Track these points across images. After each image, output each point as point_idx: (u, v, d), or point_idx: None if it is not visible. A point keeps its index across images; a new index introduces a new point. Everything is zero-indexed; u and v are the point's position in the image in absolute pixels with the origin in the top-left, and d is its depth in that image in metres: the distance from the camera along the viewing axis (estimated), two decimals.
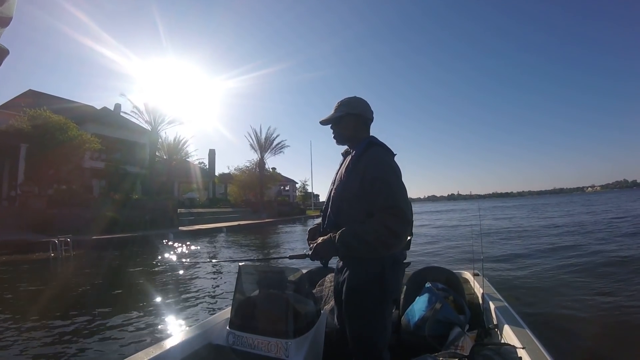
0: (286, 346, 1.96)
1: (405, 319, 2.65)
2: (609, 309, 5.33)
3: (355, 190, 1.63)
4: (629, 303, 5.51)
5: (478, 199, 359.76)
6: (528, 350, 1.83)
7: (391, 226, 1.48)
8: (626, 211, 25.62)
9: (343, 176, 1.71)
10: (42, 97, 25.99)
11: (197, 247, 14.52)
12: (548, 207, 41.65)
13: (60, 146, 18.26)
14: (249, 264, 2.55)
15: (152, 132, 26.47)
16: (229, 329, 2.15)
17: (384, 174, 1.58)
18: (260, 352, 2.02)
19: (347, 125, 1.81)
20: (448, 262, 9.35)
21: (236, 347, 2.10)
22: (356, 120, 1.81)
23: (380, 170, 1.59)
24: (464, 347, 2.11)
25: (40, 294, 6.98)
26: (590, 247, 10.83)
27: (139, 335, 4.61)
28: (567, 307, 5.46)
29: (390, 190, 1.54)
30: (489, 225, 21.00)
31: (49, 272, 9.83)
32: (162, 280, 8.28)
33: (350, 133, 1.82)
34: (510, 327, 2.22)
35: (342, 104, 1.83)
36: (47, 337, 4.49)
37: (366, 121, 1.84)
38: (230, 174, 43.29)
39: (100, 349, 4.17)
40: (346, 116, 1.80)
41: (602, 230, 15.21)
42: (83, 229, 16.03)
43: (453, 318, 2.45)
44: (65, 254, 11.93)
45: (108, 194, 21.59)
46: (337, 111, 1.83)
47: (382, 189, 1.54)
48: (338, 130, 1.85)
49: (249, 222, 27.79)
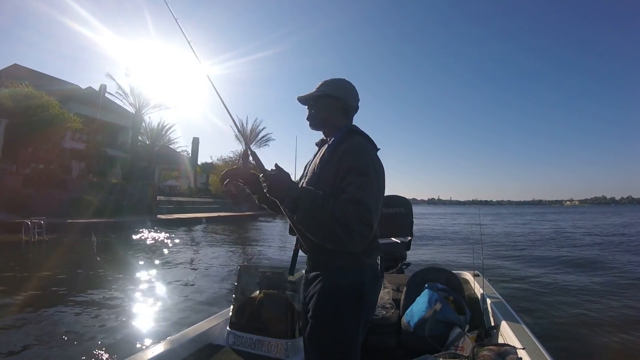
0: (286, 346, 2.04)
1: (405, 319, 2.65)
2: (609, 308, 5.55)
3: (330, 182, 1.39)
4: (629, 303, 5.78)
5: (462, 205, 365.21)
6: (528, 350, 1.82)
7: (350, 220, 1.23)
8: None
9: (317, 167, 1.49)
10: (27, 72, 25.22)
11: (174, 240, 14.41)
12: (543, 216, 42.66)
13: (40, 124, 17.84)
14: (249, 265, 2.57)
15: (135, 116, 26.05)
16: (229, 329, 2.22)
17: (361, 165, 1.35)
18: (260, 352, 2.08)
19: (323, 107, 1.58)
20: (447, 262, 9.59)
21: (236, 347, 2.15)
22: (334, 104, 1.57)
23: (358, 160, 1.37)
24: (464, 347, 2.14)
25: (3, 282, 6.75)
26: (590, 251, 11.44)
27: (106, 329, 4.56)
28: (567, 307, 5.65)
29: (364, 184, 1.31)
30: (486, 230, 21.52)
31: (18, 257, 9.59)
32: (133, 269, 8.26)
33: (325, 116, 1.59)
34: (510, 327, 2.22)
35: (324, 83, 1.61)
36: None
37: (347, 108, 1.60)
38: (213, 164, 42.87)
39: (59, 346, 4.04)
40: (324, 97, 1.57)
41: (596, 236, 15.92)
42: (59, 211, 15.76)
43: (453, 318, 2.46)
44: (38, 237, 11.68)
45: (87, 176, 21.23)
46: (316, 90, 1.61)
47: (355, 181, 1.31)
48: (313, 111, 1.61)
49: (229, 214, 27.67)
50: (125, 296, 6.14)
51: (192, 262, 9.77)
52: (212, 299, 6.05)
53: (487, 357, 1.72)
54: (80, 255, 10.16)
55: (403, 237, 3.93)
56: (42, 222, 11.99)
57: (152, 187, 24.05)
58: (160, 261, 9.50)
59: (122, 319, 5.05)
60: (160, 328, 4.76)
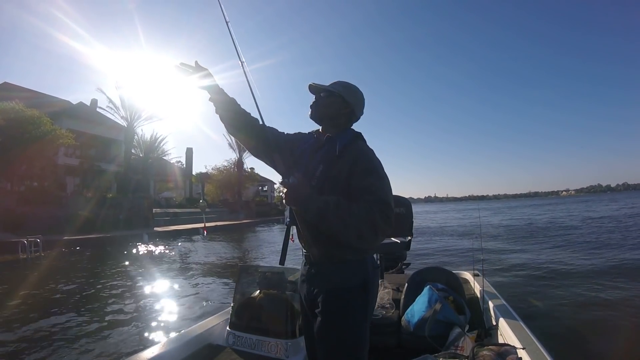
0: (286, 346, 2.05)
1: (405, 319, 2.65)
2: (609, 308, 5.55)
3: (343, 179, 1.44)
4: (629, 303, 5.78)
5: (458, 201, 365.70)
6: (528, 350, 1.82)
7: (377, 221, 1.31)
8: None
9: (323, 163, 1.51)
10: (17, 89, 25.07)
11: (172, 251, 14.37)
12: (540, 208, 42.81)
13: (33, 141, 17.75)
14: (249, 265, 2.58)
15: (128, 129, 25.90)
16: (229, 329, 2.24)
17: (379, 169, 1.45)
18: (260, 352, 2.10)
19: (332, 104, 1.59)
20: (447, 262, 9.62)
21: (236, 347, 2.17)
22: (343, 108, 1.59)
23: (374, 164, 1.46)
24: (464, 347, 2.14)
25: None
26: (589, 248, 11.47)
27: (106, 330, 4.66)
28: (567, 307, 5.66)
29: (386, 186, 1.42)
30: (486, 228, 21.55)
31: (14, 275, 9.54)
32: (134, 284, 8.21)
33: (331, 113, 1.60)
34: (510, 327, 2.22)
35: (340, 84, 1.62)
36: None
37: (352, 116, 1.64)
38: (207, 173, 42.73)
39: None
40: (338, 97, 1.59)
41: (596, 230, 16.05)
42: (55, 229, 15.71)
43: (453, 318, 2.46)
44: (35, 255, 11.67)
45: (82, 192, 21.13)
46: (331, 86, 1.61)
47: (375, 182, 1.40)
48: (321, 103, 1.61)
49: (226, 223, 27.62)
50: (125, 302, 6.22)
51: (191, 271, 9.75)
52: (213, 308, 6.05)
53: (487, 357, 1.73)
54: (77, 270, 10.12)
55: (403, 237, 3.97)
56: (39, 240, 12.02)
57: (147, 199, 23.94)
58: (159, 272, 9.50)
59: (122, 320, 5.14)
60: (160, 329, 4.85)
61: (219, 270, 9.73)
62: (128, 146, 26.32)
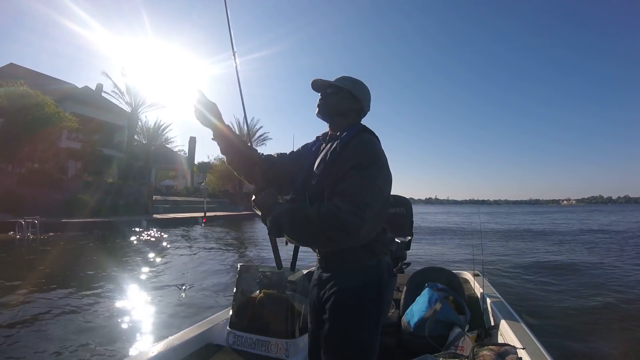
0: (286, 346, 2.03)
1: (405, 319, 2.64)
2: (609, 308, 5.58)
3: (341, 177, 1.33)
4: (629, 303, 5.82)
5: (459, 204, 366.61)
6: (528, 350, 1.81)
7: (342, 217, 1.20)
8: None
9: (328, 161, 1.43)
10: (23, 71, 25.12)
11: (169, 239, 14.40)
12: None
13: (36, 123, 17.80)
14: (249, 264, 2.57)
15: (131, 115, 25.89)
16: (229, 329, 2.22)
17: (364, 160, 1.31)
18: (260, 352, 2.08)
19: (341, 101, 1.52)
20: (447, 262, 9.61)
21: (236, 347, 2.15)
22: (353, 103, 1.53)
23: (363, 154, 1.33)
24: (464, 347, 2.14)
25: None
26: (589, 249, 11.59)
27: (105, 329, 4.48)
28: (567, 307, 5.69)
29: (364, 177, 1.27)
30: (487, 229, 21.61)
31: (9, 255, 9.59)
32: (129, 270, 8.22)
33: (341, 109, 1.52)
34: (510, 327, 2.22)
35: (346, 79, 1.56)
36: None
37: (361, 111, 1.57)
38: (210, 164, 42.81)
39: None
40: (347, 92, 1.52)
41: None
42: (54, 211, 15.78)
43: (453, 318, 2.46)
44: (31, 237, 11.72)
45: (82, 176, 21.18)
46: (338, 81, 1.54)
47: (355, 174, 1.28)
48: (329, 100, 1.53)
49: (225, 214, 27.68)
50: (121, 296, 6.08)
51: (189, 262, 9.74)
52: (212, 300, 6.01)
53: (487, 357, 1.72)
54: (73, 254, 10.14)
55: (403, 237, 3.97)
56: (36, 221, 12.05)
57: (148, 186, 24.04)
58: (156, 260, 9.50)
59: (120, 318, 4.97)
60: (160, 328, 4.70)
61: (213, 264, 9.69)
62: (131, 132, 26.35)
